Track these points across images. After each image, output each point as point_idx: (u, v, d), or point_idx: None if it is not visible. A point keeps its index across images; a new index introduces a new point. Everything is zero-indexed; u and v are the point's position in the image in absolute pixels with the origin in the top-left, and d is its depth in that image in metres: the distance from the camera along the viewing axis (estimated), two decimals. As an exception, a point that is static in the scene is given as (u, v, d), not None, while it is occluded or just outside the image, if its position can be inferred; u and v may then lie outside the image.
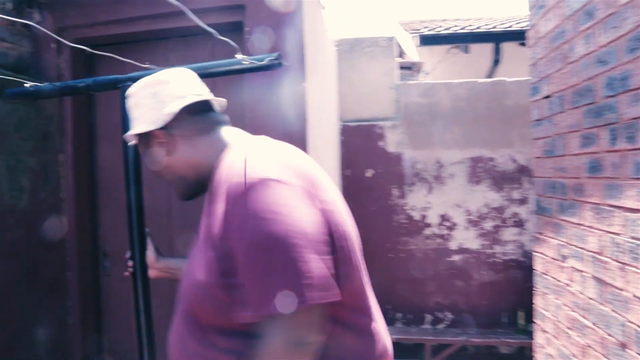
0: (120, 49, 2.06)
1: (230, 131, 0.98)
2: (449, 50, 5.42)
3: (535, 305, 2.22)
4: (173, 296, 1.00)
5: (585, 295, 1.66)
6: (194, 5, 1.83)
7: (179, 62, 1.57)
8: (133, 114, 1.01)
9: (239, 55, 1.41)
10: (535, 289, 2.21)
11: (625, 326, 1.38)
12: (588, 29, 1.62)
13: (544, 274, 2.11)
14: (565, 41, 1.81)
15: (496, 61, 5.08)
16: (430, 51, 5.63)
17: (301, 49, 1.70)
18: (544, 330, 2.10)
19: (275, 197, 0.77)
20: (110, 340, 2.15)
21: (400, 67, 3.81)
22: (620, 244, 1.41)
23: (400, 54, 4.59)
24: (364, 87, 3.54)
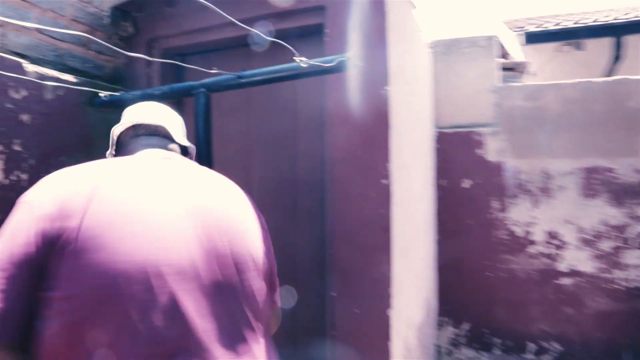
0: (207, 57, 2.08)
1: (140, 154, 1.00)
2: (558, 47, 4.92)
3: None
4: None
5: None
6: (274, 10, 1.78)
7: (260, 67, 1.52)
8: None
9: (297, 59, 1.32)
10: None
11: None
12: None
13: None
14: None
15: (617, 57, 4.50)
16: (537, 50, 5.16)
17: (384, 51, 1.57)
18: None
19: (10, 218, 0.77)
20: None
21: (501, 69, 3.49)
22: None
23: (503, 55, 4.24)
24: (462, 91, 3.28)
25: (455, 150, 3.25)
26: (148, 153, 0.99)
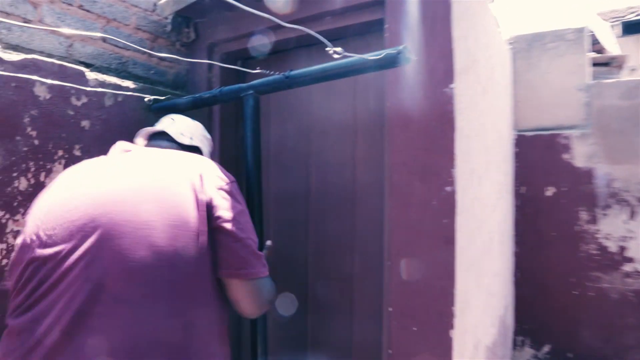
0: (267, 60, 2.04)
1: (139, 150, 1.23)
2: (665, 40, 4.39)
3: None
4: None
5: None
6: (332, 6, 1.70)
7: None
8: None
9: (329, 49, 1.21)
10: None
11: None
12: None
13: None
14: None
15: None
16: (638, 42, 4.63)
17: (449, 44, 1.42)
18: None
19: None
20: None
21: (593, 64, 3.14)
22: None
23: (596, 49, 3.83)
24: (545, 90, 3.00)
25: (537, 155, 2.97)
26: (131, 150, 1.23)
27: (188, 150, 1.38)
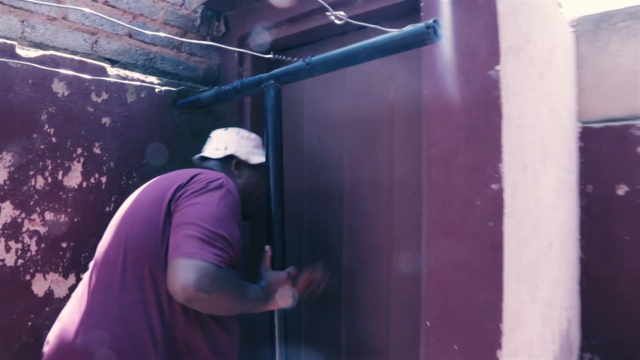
0: (300, 50, 1.92)
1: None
2: None
3: None
4: None
5: None
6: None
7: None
8: None
9: (329, 14, 1.04)
10: None
11: None
12: None
13: None
14: None
15: None
16: None
17: (494, 21, 1.23)
18: None
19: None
20: None
21: (674, 45, 2.77)
22: None
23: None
24: (616, 76, 2.67)
25: (606, 149, 2.64)
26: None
27: (226, 160, 1.50)
